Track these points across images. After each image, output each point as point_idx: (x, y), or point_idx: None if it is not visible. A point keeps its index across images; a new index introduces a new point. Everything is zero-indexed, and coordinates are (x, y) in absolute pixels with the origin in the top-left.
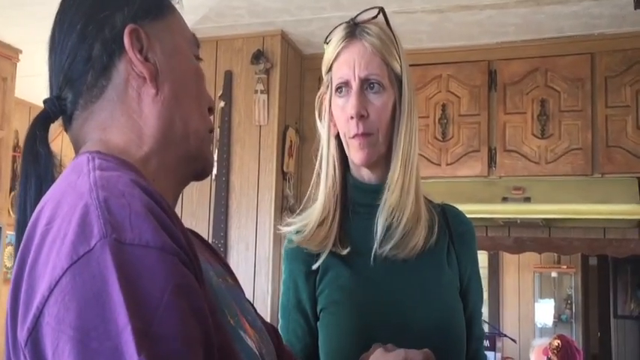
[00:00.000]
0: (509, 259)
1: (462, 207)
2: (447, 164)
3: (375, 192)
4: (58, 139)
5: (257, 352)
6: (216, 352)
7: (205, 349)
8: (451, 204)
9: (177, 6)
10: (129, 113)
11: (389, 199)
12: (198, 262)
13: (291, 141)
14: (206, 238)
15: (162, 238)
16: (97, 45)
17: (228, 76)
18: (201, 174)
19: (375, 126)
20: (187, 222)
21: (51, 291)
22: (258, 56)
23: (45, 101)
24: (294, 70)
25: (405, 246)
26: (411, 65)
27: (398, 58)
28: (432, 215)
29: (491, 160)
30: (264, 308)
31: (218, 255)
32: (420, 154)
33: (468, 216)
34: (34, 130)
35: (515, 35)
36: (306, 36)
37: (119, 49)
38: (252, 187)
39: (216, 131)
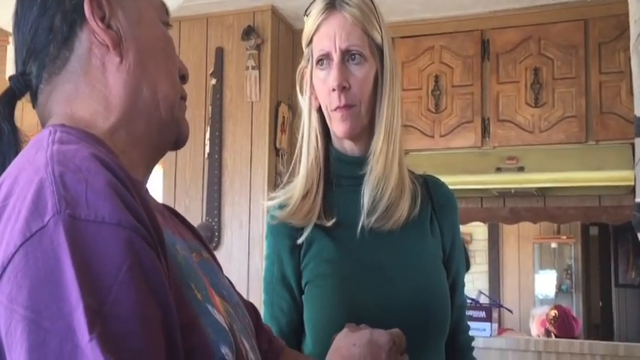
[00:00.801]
0: (508, 231)
1: (456, 178)
2: (441, 136)
3: (358, 164)
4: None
5: (226, 327)
6: (181, 328)
7: (166, 327)
8: (435, 175)
9: None
10: (93, 84)
11: (374, 169)
12: (161, 238)
13: (283, 117)
14: (200, 217)
15: (120, 214)
16: (58, 16)
17: (219, 53)
18: (176, 143)
19: (357, 97)
20: (181, 201)
21: (4, 269)
22: (248, 32)
23: (10, 78)
24: (286, 45)
25: (390, 217)
26: (402, 37)
27: (379, 28)
28: (415, 186)
29: (485, 131)
30: (259, 285)
31: (192, 230)
32: (413, 127)
33: (462, 187)
34: None
35: (507, 3)
36: (297, 10)
37: (80, 18)
38: (244, 165)
39: (208, 109)
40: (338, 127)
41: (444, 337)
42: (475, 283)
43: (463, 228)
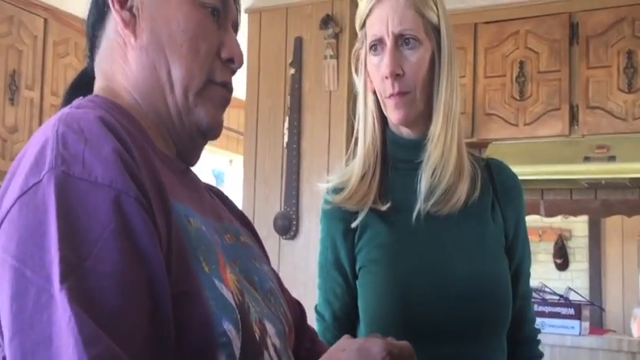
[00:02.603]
0: (611, 227)
1: (541, 168)
2: (525, 124)
3: (415, 147)
4: None
5: (232, 303)
6: (179, 295)
7: (152, 290)
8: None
9: None
10: (118, 60)
11: (432, 154)
12: (166, 205)
13: None
14: (278, 206)
15: (114, 176)
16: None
17: (298, 43)
18: (199, 133)
19: (411, 84)
20: (260, 190)
21: (2, 220)
22: (326, 21)
23: (87, 56)
24: None
25: (448, 201)
26: (485, 23)
27: (435, 7)
28: (475, 170)
29: (573, 119)
30: None
31: (238, 214)
32: (496, 115)
33: (549, 177)
34: (68, 86)
35: None
36: None
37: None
38: (323, 154)
39: (287, 98)
40: (392, 115)
41: (505, 328)
42: (575, 282)
43: (563, 224)
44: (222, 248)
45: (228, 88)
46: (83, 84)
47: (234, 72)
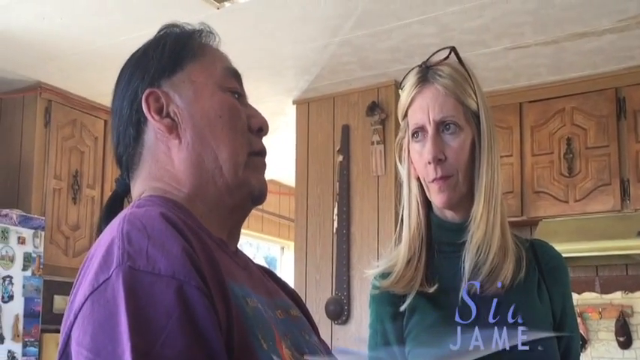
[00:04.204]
0: None
1: (594, 244)
2: (576, 200)
3: (459, 230)
4: None
5: None
6: None
7: None
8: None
9: (213, 43)
10: (163, 167)
11: (475, 235)
12: (224, 289)
13: None
14: (330, 291)
15: (175, 267)
16: (129, 120)
17: (346, 130)
18: (253, 199)
19: (453, 168)
20: (311, 275)
21: (75, 316)
22: (373, 108)
23: (115, 180)
24: None
25: (494, 281)
26: (530, 102)
27: (473, 94)
28: (520, 250)
29: (625, 193)
30: None
31: (287, 289)
32: (545, 192)
33: (602, 254)
34: (103, 208)
35: None
36: None
37: (143, 116)
38: (372, 239)
39: (335, 185)
40: (436, 199)
41: None
42: None
43: (623, 300)
44: (275, 324)
45: (263, 154)
46: (117, 206)
47: (262, 138)
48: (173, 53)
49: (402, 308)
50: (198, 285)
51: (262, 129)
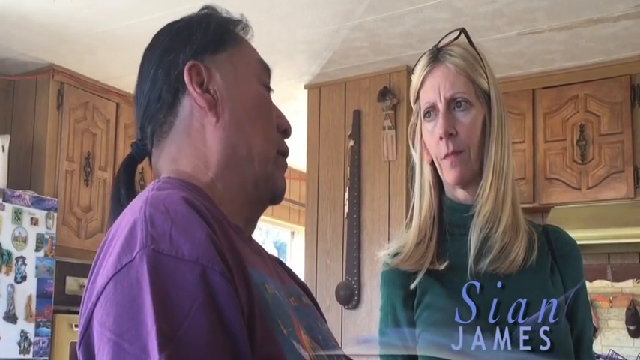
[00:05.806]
0: None
1: (607, 232)
2: (588, 188)
3: (470, 211)
4: None
5: None
6: (263, 358)
7: (236, 357)
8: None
9: (247, 37)
10: (194, 144)
11: (482, 210)
12: (245, 274)
13: None
14: (340, 276)
15: (199, 252)
16: (165, 87)
17: (357, 115)
18: (273, 198)
19: (465, 143)
20: (322, 260)
21: (98, 297)
22: (384, 93)
23: (132, 145)
24: None
25: (505, 258)
26: (544, 88)
27: (484, 74)
28: (533, 233)
29: (638, 181)
30: None
31: (296, 279)
32: (557, 179)
33: (615, 242)
34: (119, 172)
35: None
36: None
37: (182, 86)
38: (383, 224)
39: (346, 170)
40: (448, 175)
41: None
42: None
43: (635, 288)
44: (292, 310)
45: (286, 155)
46: (131, 170)
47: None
48: (217, 33)
49: (413, 286)
50: (221, 270)
51: (287, 131)
